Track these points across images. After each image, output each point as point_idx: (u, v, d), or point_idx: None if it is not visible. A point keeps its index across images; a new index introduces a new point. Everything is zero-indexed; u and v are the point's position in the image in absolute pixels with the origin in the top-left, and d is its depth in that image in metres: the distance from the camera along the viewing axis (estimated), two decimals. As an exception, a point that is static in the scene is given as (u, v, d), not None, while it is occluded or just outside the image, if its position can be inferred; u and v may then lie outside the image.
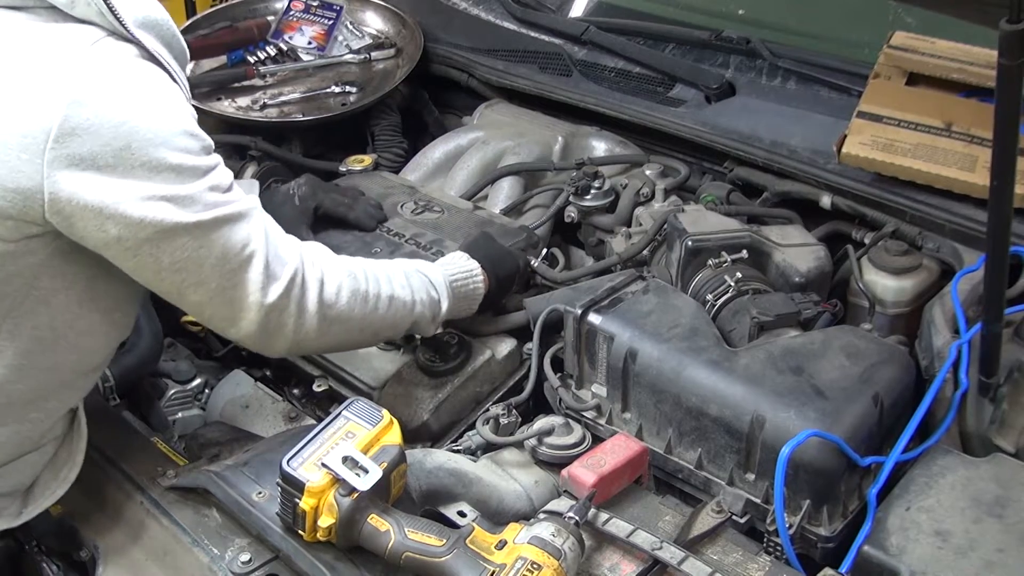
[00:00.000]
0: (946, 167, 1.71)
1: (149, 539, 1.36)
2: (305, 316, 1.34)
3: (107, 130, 1.15)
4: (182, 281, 1.26)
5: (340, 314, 1.39)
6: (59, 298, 1.26)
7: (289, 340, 1.35)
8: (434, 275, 1.55)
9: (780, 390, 1.39)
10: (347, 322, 1.40)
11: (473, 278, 1.60)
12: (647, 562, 1.25)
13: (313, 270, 1.36)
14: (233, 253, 1.26)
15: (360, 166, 2.20)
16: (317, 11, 2.55)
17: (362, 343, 1.52)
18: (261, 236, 1.30)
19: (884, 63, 1.89)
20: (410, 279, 1.51)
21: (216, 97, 2.37)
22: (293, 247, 1.36)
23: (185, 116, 1.25)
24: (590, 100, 2.21)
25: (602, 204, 1.98)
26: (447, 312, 1.55)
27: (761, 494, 1.39)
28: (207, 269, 1.25)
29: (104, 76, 1.18)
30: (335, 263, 1.43)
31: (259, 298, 1.29)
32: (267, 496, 1.30)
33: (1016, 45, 1.10)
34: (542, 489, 1.44)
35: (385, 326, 1.47)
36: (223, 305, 1.29)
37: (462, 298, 1.58)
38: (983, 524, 1.25)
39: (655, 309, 1.56)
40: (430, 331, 1.56)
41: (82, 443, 1.42)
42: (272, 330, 1.33)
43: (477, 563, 1.16)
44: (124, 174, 1.17)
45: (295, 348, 1.39)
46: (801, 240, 1.78)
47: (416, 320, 1.50)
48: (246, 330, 1.32)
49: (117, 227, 1.18)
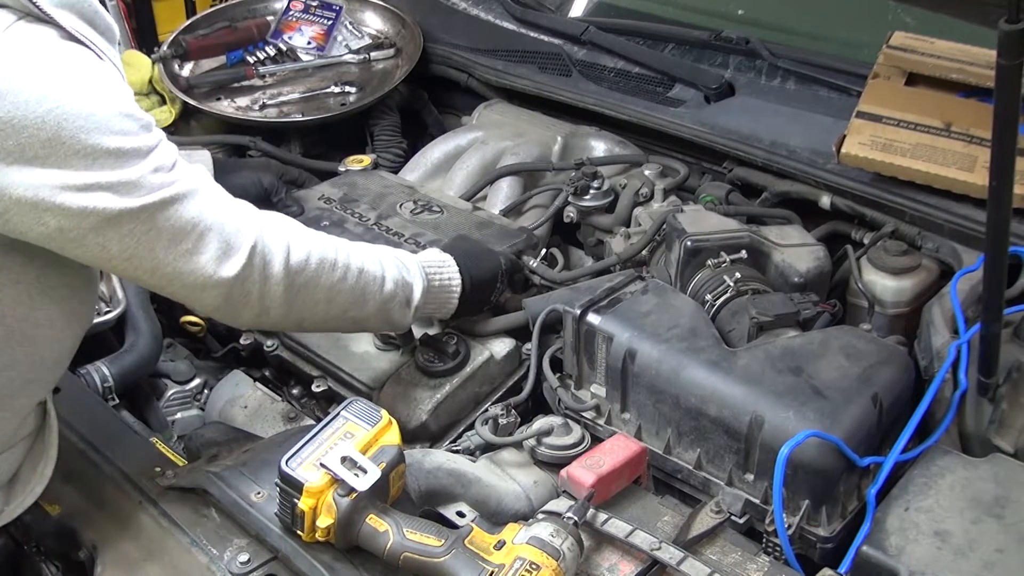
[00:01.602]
0: (945, 167, 1.71)
1: (148, 539, 1.36)
2: (269, 283, 1.30)
3: (32, 120, 1.10)
4: (136, 267, 1.21)
5: (308, 281, 1.35)
6: (7, 293, 1.21)
7: (255, 310, 1.31)
8: (407, 258, 1.53)
9: (779, 390, 1.39)
10: (314, 290, 1.36)
11: (447, 268, 1.58)
12: (646, 562, 1.25)
13: (275, 237, 1.32)
14: (184, 233, 1.22)
15: (359, 166, 2.20)
16: (316, 11, 2.55)
17: (331, 319, 1.43)
18: (213, 210, 1.25)
19: (883, 63, 1.89)
20: (382, 257, 1.48)
21: (216, 97, 2.37)
22: (251, 217, 1.31)
23: (119, 96, 1.18)
24: (589, 100, 2.21)
25: (601, 204, 1.98)
26: (421, 298, 1.51)
27: (760, 494, 1.39)
28: (159, 252, 1.21)
29: (22, 63, 1.12)
30: (303, 231, 1.39)
31: (218, 273, 1.25)
32: (266, 496, 1.30)
33: (1015, 45, 1.10)
34: (541, 489, 1.44)
35: (355, 300, 1.42)
36: (183, 286, 1.25)
37: (437, 289, 1.55)
38: (982, 524, 1.24)
39: (654, 309, 1.56)
40: (406, 319, 1.51)
41: (54, 436, 1.39)
42: (237, 302, 1.29)
43: (476, 563, 1.16)
44: (58, 164, 1.12)
45: (262, 318, 1.34)
46: (800, 240, 1.77)
47: (387, 301, 1.46)
48: (212, 304, 1.29)
49: (57, 219, 1.13)
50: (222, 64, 2.48)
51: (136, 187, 1.16)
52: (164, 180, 1.20)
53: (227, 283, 1.26)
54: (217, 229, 1.25)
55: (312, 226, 1.89)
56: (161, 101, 2.33)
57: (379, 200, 2.00)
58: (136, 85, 2.31)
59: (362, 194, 2.03)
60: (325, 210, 1.97)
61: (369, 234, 1.88)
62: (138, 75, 2.32)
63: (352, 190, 2.05)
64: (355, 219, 1.93)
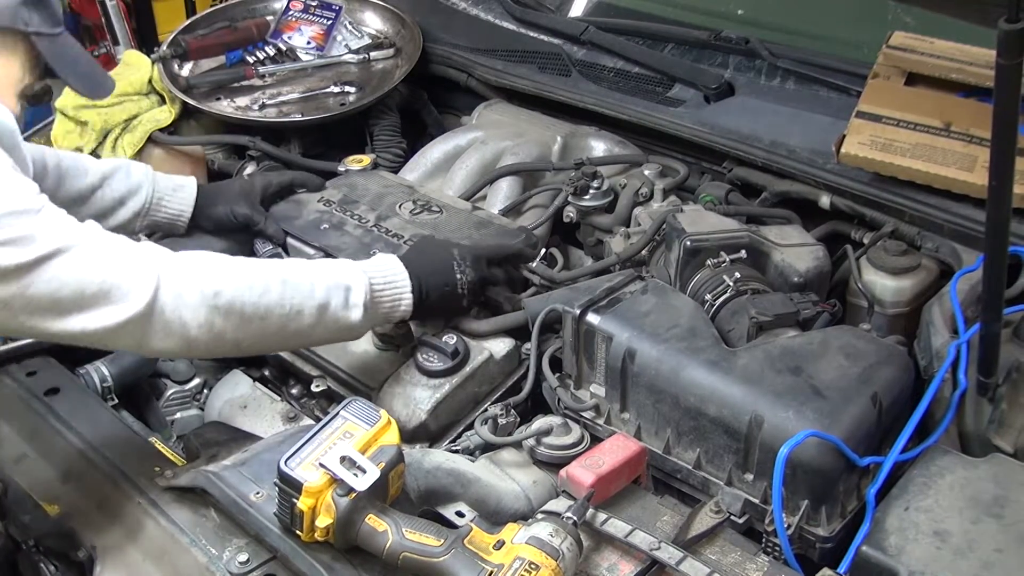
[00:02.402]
0: (945, 167, 1.71)
1: (147, 539, 1.36)
2: (184, 312, 1.32)
3: None
4: (31, 328, 1.27)
5: (230, 302, 1.36)
6: None
7: (178, 340, 1.33)
8: (341, 264, 1.53)
9: (779, 390, 1.39)
10: (240, 309, 1.37)
11: (388, 264, 1.56)
12: (645, 562, 1.25)
13: (182, 270, 1.34)
14: (68, 292, 1.26)
15: (359, 166, 2.19)
16: (316, 11, 2.55)
17: (270, 335, 1.43)
18: (98, 263, 1.28)
19: (883, 63, 1.89)
20: (309, 267, 1.49)
21: (215, 97, 2.37)
22: (148, 259, 1.33)
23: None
24: (589, 100, 2.21)
25: (601, 204, 1.98)
26: (366, 296, 1.48)
27: (759, 494, 1.39)
28: (50, 312, 1.26)
29: None
30: (217, 259, 1.41)
31: (117, 319, 1.28)
32: (265, 496, 1.30)
33: (1014, 45, 1.10)
34: (540, 489, 1.44)
35: (287, 312, 1.41)
36: (86, 338, 1.30)
37: (382, 285, 1.52)
38: (982, 524, 1.24)
39: (654, 309, 1.56)
40: (353, 320, 1.48)
41: None
42: (155, 337, 1.32)
43: (475, 563, 1.16)
44: None
45: (194, 346, 1.36)
46: (800, 240, 1.77)
47: (323, 306, 1.44)
48: (130, 344, 1.33)
49: None
50: (221, 64, 2.48)
51: (19, 242, 1.22)
52: (46, 243, 1.24)
53: (134, 323, 1.29)
54: (102, 279, 1.27)
55: (312, 229, 1.92)
56: (161, 101, 2.33)
57: (378, 201, 2.00)
58: (136, 85, 2.31)
59: (362, 195, 2.03)
60: (325, 212, 1.97)
61: (368, 236, 1.88)
62: (138, 75, 2.32)
63: (352, 191, 2.04)
64: (355, 221, 1.93)
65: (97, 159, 1.82)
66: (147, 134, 2.26)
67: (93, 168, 1.77)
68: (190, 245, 1.86)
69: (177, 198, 1.85)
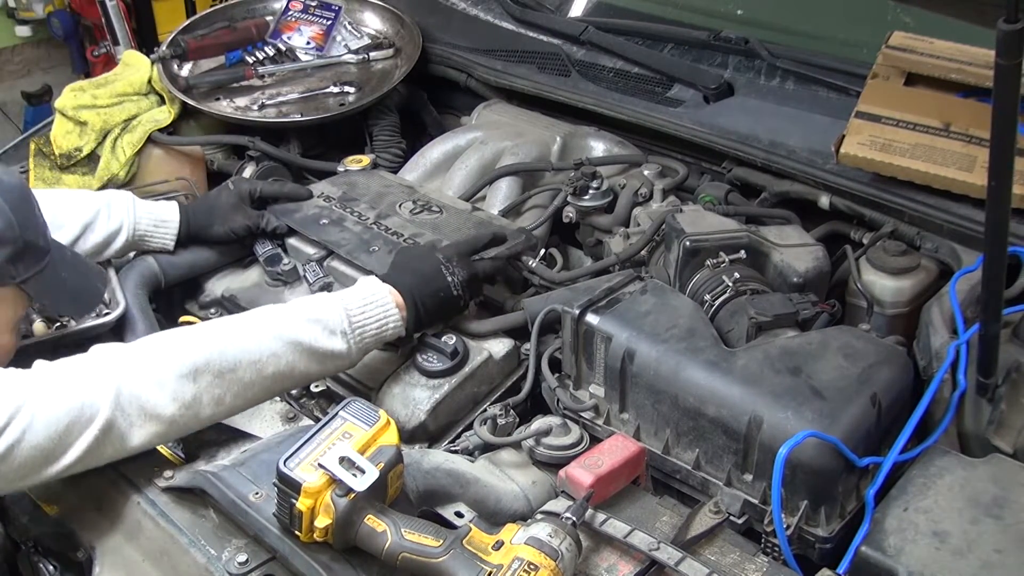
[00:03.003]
0: (944, 167, 1.71)
1: (146, 540, 1.36)
2: (150, 395, 1.32)
3: None
4: (32, 483, 1.29)
5: (194, 367, 1.35)
6: None
7: (156, 424, 1.33)
8: (312, 297, 1.53)
9: (778, 391, 1.39)
10: (205, 370, 1.36)
11: (367, 286, 1.55)
12: (644, 563, 1.25)
13: (131, 363, 1.34)
14: (44, 441, 1.26)
15: (358, 166, 2.20)
16: (315, 11, 2.55)
17: (252, 383, 1.41)
18: (55, 403, 1.27)
19: (882, 63, 1.89)
20: (273, 309, 1.48)
21: (215, 97, 2.37)
22: (95, 368, 1.32)
23: None
24: (588, 100, 2.21)
25: (600, 204, 1.98)
26: (343, 322, 1.48)
27: (759, 495, 1.39)
28: (38, 466, 1.26)
29: None
30: (164, 336, 1.41)
31: (95, 432, 1.28)
32: (264, 497, 1.30)
33: (1013, 45, 1.10)
34: (539, 490, 1.44)
35: (259, 357, 1.41)
36: (82, 464, 1.30)
37: (361, 305, 1.52)
38: (981, 525, 1.24)
39: (653, 309, 1.56)
40: (334, 346, 1.47)
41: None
42: (132, 433, 1.32)
43: (474, 564, 1.16)
44: None
45: (175, 424, 1.35)
46: (799, 240, 1.77)
47: (296, 341, 1.43)
48: (114, 451, 1.32)
49: None
50: (221, 64, 2.48)
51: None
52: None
53: (107, 429, 1.29)
54: (65, 416, 1.27)
55: (311, 223, 1.92)
56: (160, 101, 2.33)
57: (378, 199, 2.00)
58: (135, 85, 2.31)
59: (362, 193, 2.03)
60: (324, 208, 1.97)
61: (368, 233, 1.88)
62: (137, 75, 2.32)
63: (351, 189, 2.05)
64: (354, 217, 1.93)
65: (76, 201, 1.81)
66: (146, 134, 2.26)
67: (72, 219, 1.76)
68: (185, 256, 1.92)
69: (159, 234, 1.87)
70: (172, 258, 1.90)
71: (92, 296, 1.58)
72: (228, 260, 1.97)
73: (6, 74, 5.01)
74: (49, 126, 2.28)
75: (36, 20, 4.79)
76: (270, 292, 1.89)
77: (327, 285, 1.82)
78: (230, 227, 1.91)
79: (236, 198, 1.94)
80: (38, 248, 1.44)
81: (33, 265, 1.43)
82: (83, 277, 1.56)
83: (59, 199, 1.79)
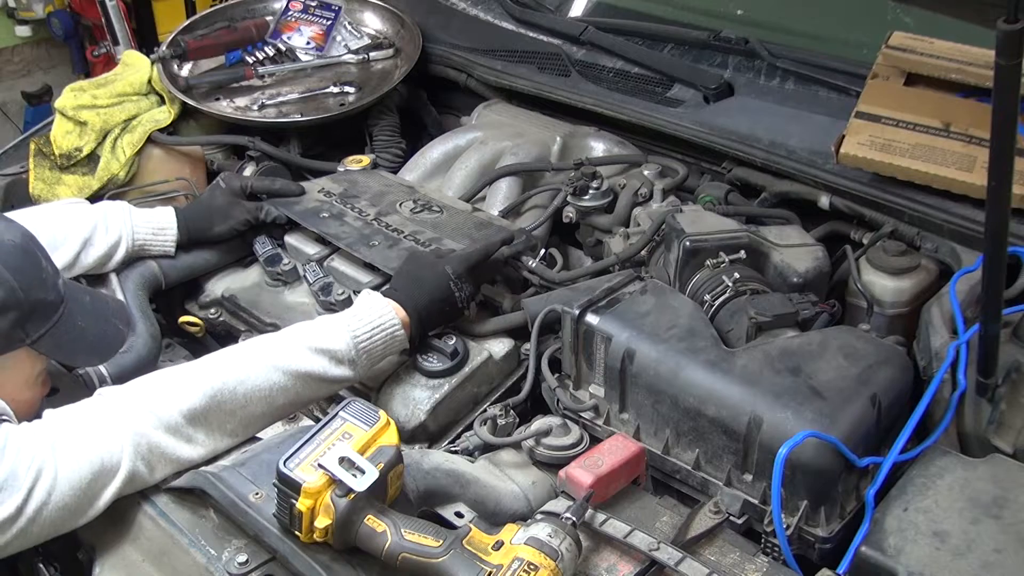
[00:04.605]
0: (944, 167, 1.71)
1: (146, 540, 1.36)
2: (163, 444, 1.34)
3: None
4: (59, 533, 1.31)
5: (208, 413, 1.38)
6: None
7: (174, 464, 1.37)
8: (319, 323, 1.53)
9: (778, 391, 1.39)
10: (230, 423, 1.40)
11: (369, 304, 1.55)
12: (644, 563, 1.25)
13: (139, 412, 1.35)
14: (72, 497, 1.28)
15: (358, 166, 2.20)
16: (315, 11, 2.55)
17: (263, 415, 1.45)
18: (76, 458, 1.28)
19: (882, 63, 1.89)
20: (282, 339, 1.48)
21: (215, 97, 2.37)
22: (108, 418, 1.33)
23: None
24: (588, 100, 2.21)
25: (600, 204, 1.98)
26: (350, 350, 1.49)
27: (759, 495, 1.39)
28: (66, 520, 1.29)
29: None
30: (168, 376, 1.42)
31: (120, 480, 1.32)
32: (264, 497, 1.30)
33: (1013, 45, 1.10)
34: (539, 490, 1.44)
35: (269, 394, 1.43)
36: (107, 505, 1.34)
37: (369, 330, 1.52)
38: (981, 525, 1.24)
39: (653, 309, 1.56)
40: (342, 373, 1.50)
41: None
42: (155, 473, 1.36)
43: (474, 564, 1.16)
44: None
45: (195, 463, 1.39)
46: (799, 240, 1.77)
47: (306, 373, 1.46)
48: (137, 487, 1.36)
49: None
50: (221, 64, 2.48)
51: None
52: (17, 473, 1.24)
53: (131, 477, 1.33)
54: (88, 468, 1.29)
55: (311, 217, 1.92)
56: (160, 101, 2.33)
57: (379, 198, 2.00)
58: (135, 85, 2.31)
59: (362, 191, 2.03)
60: (325, 202, 1.98)
61: (368, 228, 1.88)
62: (137, 75, 2.32)
63: (352, 187, 2.05)
64: (355, 213, 1.94)
65: (73, 217, 1.80)
66: (146, 134, 2.26)
67: (71, 236, 1.76)
68: (185, 258, 1.92)
69: (158, 241, 1.87)
70: (172, 260, 1.90)
71: (113, 340, 1.56)
72: (228, 260, 1.97)
73: (6, 74, 5.01)
74: (49, 126, 2.28)
75: (36, 20, 4.79)
76: (270, 292, 1.89)
77: (327, 285, 1.82)
78: (231, 224, 1.91)
79: (230, 195, 1.95)
80: (47, 304, 1.42)
81: (43, 323, 1.42)
82: (102, 320, 1.54)
83: (55, 218, 1.78)
